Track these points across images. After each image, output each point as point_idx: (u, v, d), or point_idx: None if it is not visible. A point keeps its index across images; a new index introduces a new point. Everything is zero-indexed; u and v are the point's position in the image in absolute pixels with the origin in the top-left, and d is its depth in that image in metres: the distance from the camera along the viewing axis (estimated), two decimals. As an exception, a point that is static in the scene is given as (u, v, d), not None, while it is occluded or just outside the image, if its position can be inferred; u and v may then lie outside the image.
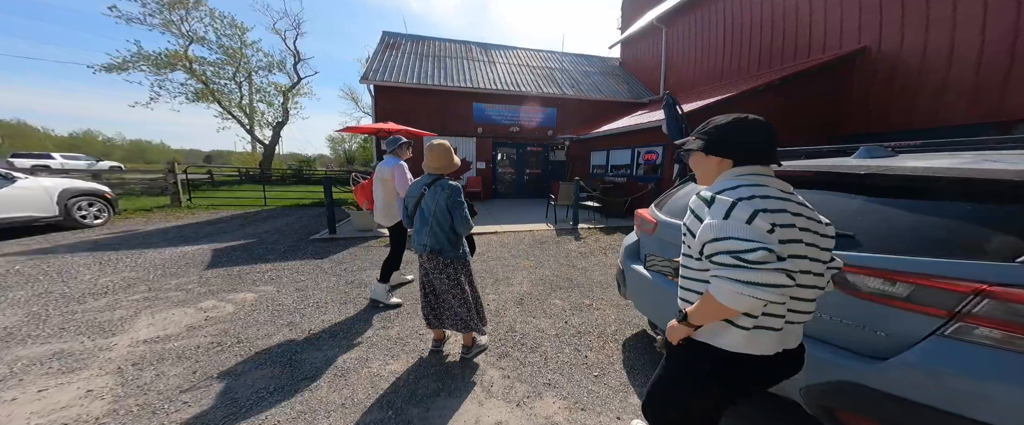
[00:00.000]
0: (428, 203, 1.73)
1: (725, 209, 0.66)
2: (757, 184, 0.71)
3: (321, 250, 4.28)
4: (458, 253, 1.76)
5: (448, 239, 1.71)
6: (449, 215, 1.70)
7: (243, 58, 16.71)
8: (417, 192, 1.78)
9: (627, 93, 10.45)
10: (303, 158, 23.07)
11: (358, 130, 6.23)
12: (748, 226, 0.63)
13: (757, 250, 0.59)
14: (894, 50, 4.86)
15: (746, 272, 0.60)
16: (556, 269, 3.77)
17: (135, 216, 6.26)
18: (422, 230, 1.74)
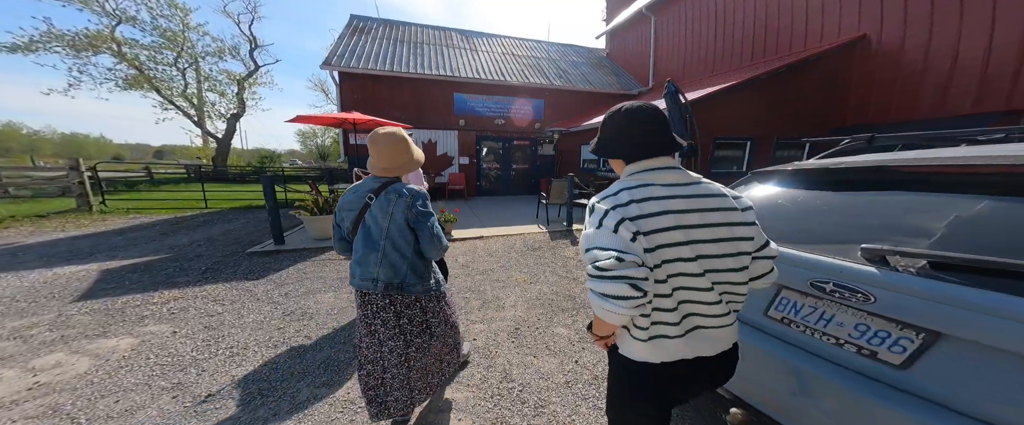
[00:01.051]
0: (375, 219, 1.19)
1: (599, 217, 0.66)
2: (641, 184, 0.68)
3: (258, 268, 3.37)
4: (428, 285, 1.25)
5: (411, 267, 1.20)
6: (410, 233, 1.20)
7: (186, 42, 14.68)
8: (356, 203, 1.22)
9: (616, 84, 10.02)
10: (266, 153, 21.00)
11: (313, 120, 5.27)
12: (613, 236, 0.62)
13: (609, 259, 0.59)
14: (896, 38, 4.66)
15: (598, 282, 0.59)
16: (555, 284, 3.13)
17: (20, 224, 4.94)
18: (368, 258, 1.19)
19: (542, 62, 10.44)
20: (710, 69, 7.60)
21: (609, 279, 0.58)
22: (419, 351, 1.26)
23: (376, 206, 1.18)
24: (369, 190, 1.20)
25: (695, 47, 8.11)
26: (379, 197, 1.18)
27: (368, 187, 1.21)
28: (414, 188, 1.22)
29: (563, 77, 9.70)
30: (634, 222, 0.63)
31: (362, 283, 1.18)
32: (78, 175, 5.80)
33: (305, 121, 5.23)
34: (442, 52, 9.45)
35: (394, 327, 1.21)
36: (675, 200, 0.66)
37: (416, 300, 1.24)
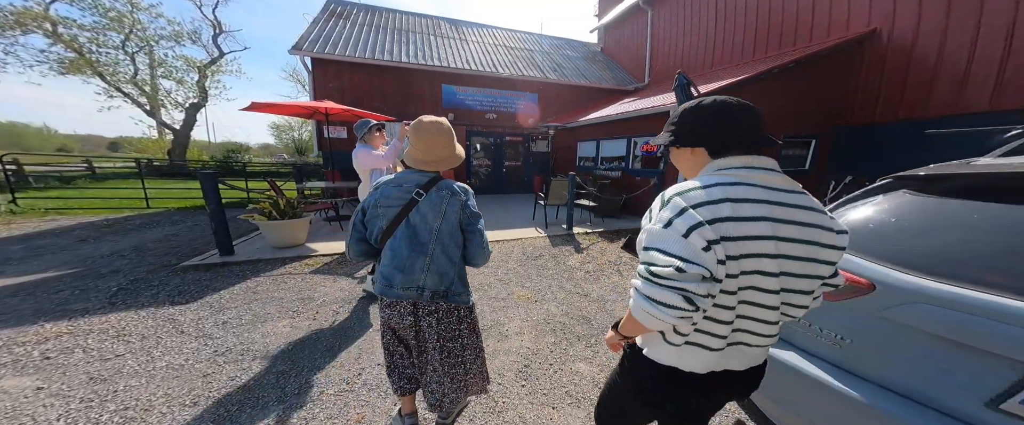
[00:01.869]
0: (425, 218, 1.03)
1: (671, 216, 0.55)
2: (739, 182, 0.57)
3: (192, 287, 2.69)
4: (469, 295, 1.13)
5: (459, 276, 1.09)
6: (462, 236, 1.07)
7: (136, 24, 13.12)
8: (400, 197, 1.04)
9: (612, 79, 9.70)
10: (233, 146, 19.37)
11: (274, 109, 4.53)
12: (682, 240, 0.53)
13: (666, 267, 0.52)
14: (908, 31, 4.47)
15: (649, 287, 0.53)
16: (564, 302, 2.65)
17: None
18: (414, 263, 1.02)
19: (536, 55, 9.96)
20: (710, 64, 7.36)
21: (662, 287, 0.52)
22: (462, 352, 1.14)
23: (426, 203, 1.03)
24: (417, 184, 1.04)
25: (694, 41, 7.86)
26: (429, 193, 1.04)
27: (415, 180, 1.05)
28: (464, 186, 1.09)
29: (558, 71, 9.27)
30: (720, 225, 0.53)
31: (404, 293, 1.03)
32: (-24, 168, 4.75)
33: (264, 109, 4.48)
34: (429, 41, 8.78)
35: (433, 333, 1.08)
36: (778, 207, 0.56)
37: (456, 309, 1.11)
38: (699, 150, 0.65)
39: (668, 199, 0.58)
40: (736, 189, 0.56)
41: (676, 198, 0.57)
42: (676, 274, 0.50)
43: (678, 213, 0.55)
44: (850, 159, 5.29)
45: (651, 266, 0.54)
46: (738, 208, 0.54)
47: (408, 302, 1.05)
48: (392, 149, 2.39)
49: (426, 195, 1.03)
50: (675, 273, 0.51)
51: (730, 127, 0.62)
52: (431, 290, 1.03)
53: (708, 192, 0.56)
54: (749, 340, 0.62)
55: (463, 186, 1.09)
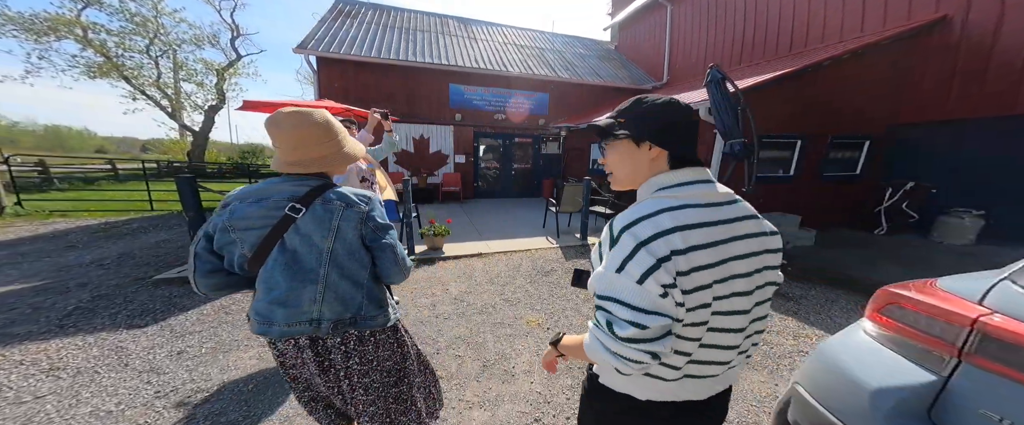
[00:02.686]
0: (308, 240, 0.79)
1: (621, 258, 0.49)
2: (685, 204, 0.53)
3: (157, 304, 2.36)
4: (388, 314, 0.90)
5: (370, 297, 0.87)
6: (367, 254, 0.86)
7: (159, 28, 13.46)
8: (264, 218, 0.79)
9: (627, 78, 9.12)
10: (250, 147, 19.74)
11: (267, 107, 4.24)
12: (637, 288, 0.48)
13: (629, 325, 0.47)
14: (989, 19, 3.77)
15: (613, 343, 0.49)
16: (581, 329, 2.14)
17: None
18: (300, 295, 0.80)
19: (547, 53, 9.50)
20: (737, 61, 6.69)
21: (631, 344, 0.47)
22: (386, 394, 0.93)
23: (309, 220, 0.79)
24: (289, 197, 0.79)
25: (720, 37, 7.18)
26: (313, 207, 0.79)
27: (288, 192, 0.80)
28: (363, 193, 0.86)
29: (570, 69, 8.78)
30: (669, 266, 0.48)
31: (290, 330, 0.80)
32: (-18, 169, 4.68)
33: (259, 109, 4.21)
34: (437, 40, 8.46)
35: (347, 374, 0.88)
36: (718, 227, 0.53)
37: (371, 335, 0.89)
38: (661, 153, 0.57)
39: (617, 236, 0.52)
40: (685, 213, 0.52)
41: (625, 236, 0.51)
42: (639, 334, 0.47)
43: (630, 255, 0.49)
44: (910, 163, 4.58)
45: (611, 324, 0.49)
46: (688, 237, 0.50)
47: (295, 342, 0.84)
48: None
49: (308, 210, 0.79)
50: (638, 333, 0.47)
51: (692, 135, 0.58)
52: (331, 320, 0.82)
53: (655, 222, 0.50)
54: (706, 371, 0.56)
55: (364, 193, 0.86)
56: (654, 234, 0.49)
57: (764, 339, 2.14)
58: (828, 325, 2.36)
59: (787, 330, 2.31)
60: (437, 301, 2.57)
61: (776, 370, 1.88)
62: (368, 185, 2.15)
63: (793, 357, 1.99)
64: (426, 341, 2.02)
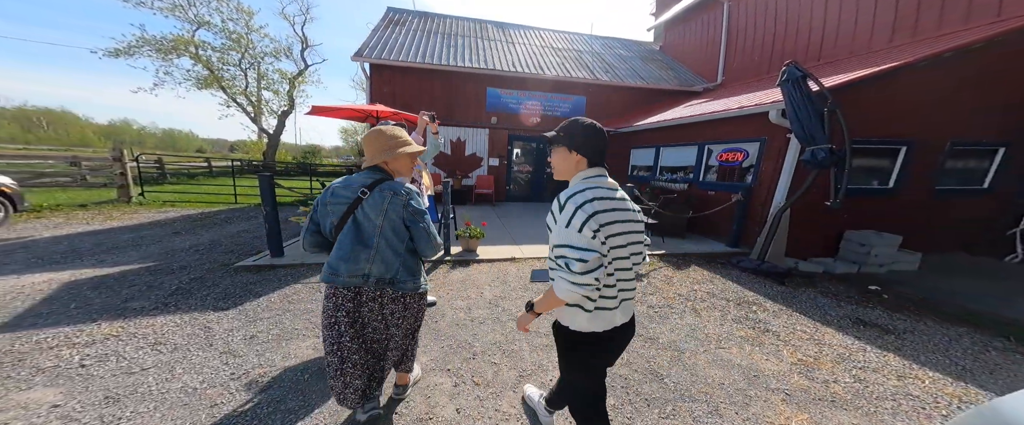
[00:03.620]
0: (367, 216, 1.15)
1: (568, 217, 0.83)
2: (597, 187, 0.88)
3: (237, 290, 2.63)
4: (419, 283, 1.23)
5: (404, 264, 1.19)
6: (406, 231, 1.19)
7: (249, 44, 15.51)
8: (347, 198, 1.15)
9: (674, 80, 8.41)
10: (310, 148, 21.95)
11: (331, 112, 4.59)
12: (578, 235, 0.81)
13: (577, 261, 0.79)
14: None
15: (570, 275, 0.79)
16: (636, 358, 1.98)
17: (52, 215, 4.85)
18: (358, 255, 1.14)
19: (585, 56, 9.13)
20: (814, 58, 5.73)
21: (582, 274, 0.78)
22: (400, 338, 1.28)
23: (369, 203, 1.14)
24: (362, 184, 1.16)
25: (791, 32, 6.18)
26: (372, 193, 1.15)
27: (361, 181, 1.17)
28: (408, 186, 1.20)
29: (610, 72, 8.33)
30: (595, 219, 0.82)
31: (349, 280, 1.14)
32: (120, 166, 5.73)
33: (323, 113, 4.58)
34: (476, 44, 8.57)
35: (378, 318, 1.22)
36: (615, 202, 0.88)
37: (401, 297, 1.22)
38: (582, 159, 0.91)
39: (563, 203, 0.85)
40: (597, 191, 0.86)
41: (569, 204, 0.84)
42: (585, 266, 0.78)
43: (573, 214, 0.82)
44: None
45: (568, 264, 0.80)
46: (601, 204, 0.84)
47: (351, 290, 1.15)
48: None
49: (370, 194, 1.14)
50: (584, 265, 0.78)
51: (603, 148, 0.92)
52: (376, 277, 1.15)
53: (584, 195, 0.85)
54: (625, 296, 0.93)
55: (408, 187, 1.18)
56: (585, 201, 0.82)
57: (856, 375, 1.88)
58: (951, 369, 1.93)
59: (887, 367, 1.93)
60: (472, 304, 2.53)
61: (873, 412, 1.60)
62: (416, 185, 2.18)
63: (897, 399, 1.69)
64: (462, 345, 1.99)
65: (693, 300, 2.71)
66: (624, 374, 1.77)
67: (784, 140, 3.46)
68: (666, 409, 1.52)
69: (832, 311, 2.65)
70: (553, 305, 0.88)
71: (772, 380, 1.78)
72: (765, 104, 3.52)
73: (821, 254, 3.74)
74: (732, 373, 1.82)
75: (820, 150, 2.76)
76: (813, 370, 1.89)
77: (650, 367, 1.83)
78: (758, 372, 1.85)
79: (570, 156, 0.91)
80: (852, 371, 1.89)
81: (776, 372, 1.85)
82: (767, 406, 1.60)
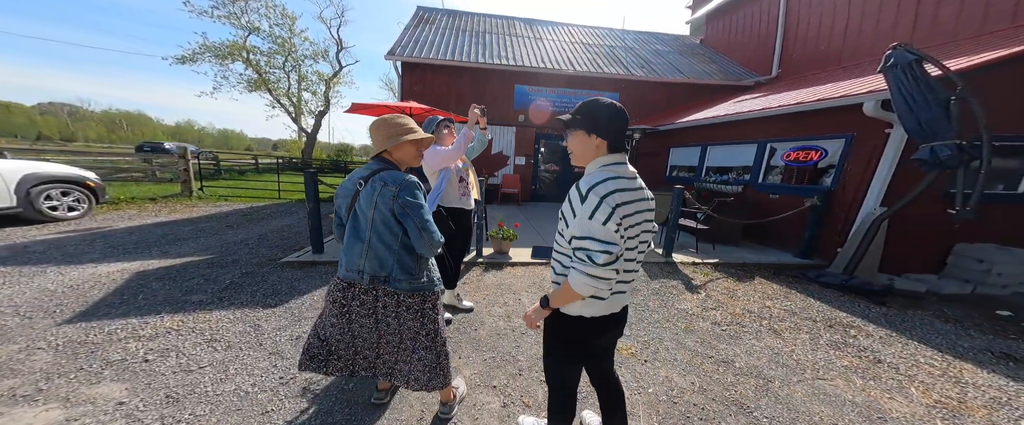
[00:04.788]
0: (362, 208, 1.08)
1: (592, 209, 0.76)
2: (619, 176, 0.82)
3: (283, 287, 2.64)
4: (417, 283, 1.11)
5: (398, 262, 1.08)
6: (398, 225, 1.07)
7: (292, 47, 16.40)
8: (349, 190, 1.13)
9: (718, 73, 7.68)
10: (343, 146, 22.99)
11: (369, 110, 4.60)
12: (603, 228, 0.75)
13: (602, 254, 0.74)
14: None
15: (592, 268, 0.75)
16: (690, 367, 1.76)
17: (127, 207, 5.31)
18: (353, 247, 1.10)
19: (618, 51, 8.61)
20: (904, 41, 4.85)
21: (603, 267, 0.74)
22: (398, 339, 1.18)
23: (363, 194, 1.08)
24: (360, 176, 1.10)
25: (870, 16, 5.23)
26: (367, 185, 1.08)
27: (360, 173, 1.12)
28: (407, 177, 1.08)
29: (646, 67, 7.77)
30: (619, 211, 0.77)
31: (347, 274, 1.11)
32: (184, 163, 6.19)
33: (362, 111, 4.60)
34: (504, 41, 8.35)
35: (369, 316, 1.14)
36: (635, 192, 0.83)
37: (395, 294, 1.11)
38: (602, 142, 0.83)
39: (585, 193, 0.79)
40: (619, 182, 0.81)
41: (591, 194, 0.77)
42: (609, 258, 0.74)
43: (597, 206, 0.76)
44: None
45: (590, 254, 0.75)
46: (623, 196, 0.80)
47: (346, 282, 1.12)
48: (458, 140, 1.88)
49: (365, 186, 1.07)
50: (608, 258, 0.74)
51: (624, 130, 0.85)
52: (370, 274, 1.08)
53: (606, 186, 0.79)
54: (627, 288, 0.91)
55: (408, 178, 1.07)
56: (608, 192, 0.78)
57: None
58: None
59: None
60: (511, 311, 2.35)
61: None
62: (465, 186, 2.01)
63: None
64: (506, 358, 1.82)
65: (768, 318, 2.33)
66: (699, 402, 1.50)
67: (881, 136, 2.91)
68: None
69: (962, 342, 2.17)
70: (570, 299, 0.83)
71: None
72: (858, 94, 2.96)
73: (920, 270, 3.15)
74: (845, 412, 1.48)
75: (944, 147, 2.22)
76: (961, 416, 1.49)
77: (730, 396, 1.55)
78: (883, 414, 1.49)
79: (589, 140, 0.85)
80: (1021, 422, 1.47)
81: (909, 416, 1.48)
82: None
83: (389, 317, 1.14)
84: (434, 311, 1.16)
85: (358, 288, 1.11)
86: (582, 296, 0.79)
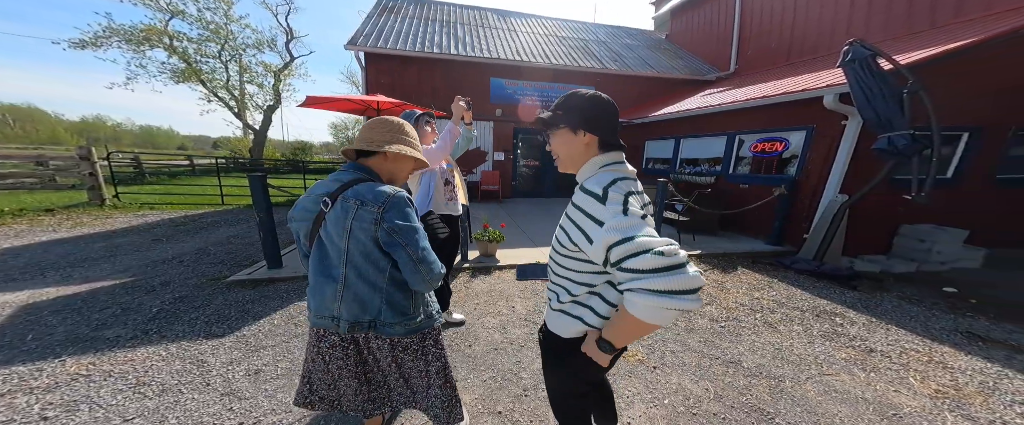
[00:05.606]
0: (330, 237, 0.83)
1: (621, 204, 0.61)
2: (626, 177, 0.69)
3: (232, 310, 2.27)
4: (413, 325, 0.89)
5: (388, 301, 0.84)
6: (385, 257, 0.83)
7: (229, 35, 14.58)
8: (309, 211, 0.86)
9: (684, 69, 8.15)
10: (300, 144, 21.10)
11: (327, 103, 4.18)
12: (643, 222, 0.60)
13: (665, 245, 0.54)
14: None
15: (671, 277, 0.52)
16: (701, 371, 1.77)
17: (14, 222, 4.33)
18: (322, 289, 0.84)
19: (591, 44, 8.79)
20: (843, 38, 5.46)
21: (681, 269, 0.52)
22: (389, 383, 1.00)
23: (331, 217, 0.81)
24: (324, 193, 0.84)
25: (813, 15, 5.86)
26: (335, 204, 0.82)
27: (324, 188, 0.85)
28: (387, 191, 0.81)
29: (618, 61, 8.02)
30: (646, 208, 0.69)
31: (318, 321, 0.87)
32: (88, 164, 5.18)
33: (318, 105, 4.16)
34: (477, 32, 8.13)
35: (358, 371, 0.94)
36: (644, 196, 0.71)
37: (392, 340, 0.89)
38: (592, 139, 0.70)
39: (603, 195, 0.62)
40: (627, 183, 0.67)
41: (611, 192, 0.62)
42: (673, 246, 0.53)
43: (625, 201, 0.61)
44: None
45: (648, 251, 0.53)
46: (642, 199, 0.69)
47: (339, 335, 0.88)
48: (443, 137, 1.66)
49: (332, 206, 0.81)
50: (672, 246, 0.54)
51: (616, 123, 0.71)
52: (349, 321, 0.83)
53: (620, 186, 0.64)
54: None
55: (388, 193, 0.80)
56: (629, 192, 0.65)
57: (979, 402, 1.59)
58: None
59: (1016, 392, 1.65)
60: (506, 321, 2.23)
61: None
62: (451, 189, 1.85)
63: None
64: (507, 377, 1.69)
65: (761, 311, 2.44)
66: (718, 411, 1.46)
67: (838, 127, 3.21)
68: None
69: (935, 323, 2.35)
70: (641, 332, 0.63)
71: (921, 421, 1.46)
72: (817, 88, 3.24)
73: (873, 251, 3.52)
74: (861, 411, 1.50)
75: (900, 137, 2.48)
76: (963, 405, 1.57)
77: (748, 401, 1.52)
78: (896, 410, 1.51)
79: (575, 139, 0.71)
80: (1011, 407, 1.56)
81: (918, 410, 1.52)
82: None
83: (383, 362, 0.94)
84: (437, 346, 0.97)
85: (335, 337, 0.89)
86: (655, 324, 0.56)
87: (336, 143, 28.74)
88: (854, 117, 3.04)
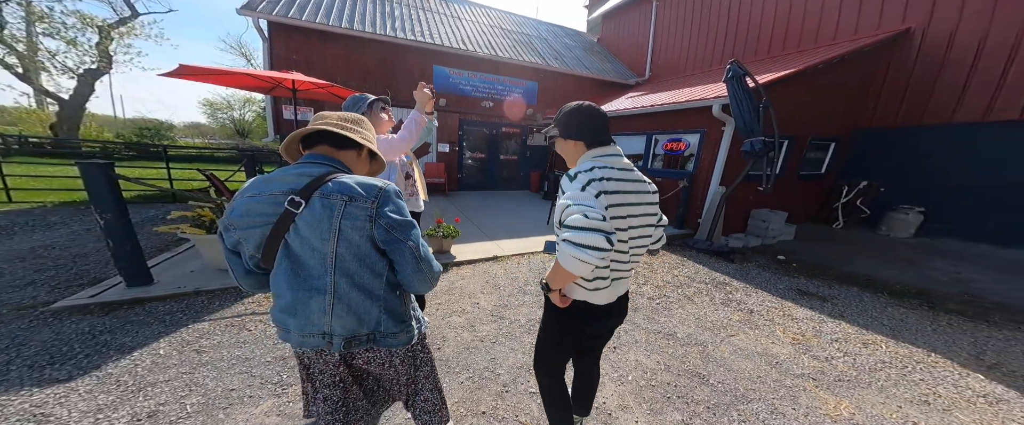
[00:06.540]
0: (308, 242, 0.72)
1: (583, 184, 0.85)
2: (607, 166, 0.89)
3: (76, 346, 1.66)
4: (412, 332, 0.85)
5: (390, 310, 0.79)
6: (382, 259, 0.76)
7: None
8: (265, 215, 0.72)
9: (612, 72, 9.36)
10: (149, 123, 16.01)
11: (210, 76, 3.36)
12: (594, 200, 0.82)
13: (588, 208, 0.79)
14: (944, 32, 4.39)
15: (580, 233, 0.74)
16: (649, 346, 2.09)
17: None
18: (307, 304, 0.73)
19: (534, 40, 9.30)
20: (719, 61, 7.24)
21: (590, 230, 0.74)
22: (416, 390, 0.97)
23: (306, 220, 0.70)
24: (289, 189, 0.72)
25: (704, 36, 7.62)
26: (311, 203, 0.70)
27: (286, 184, 0.72)
28: (372, 183, 0.75)
29: (559, 59, 8.71)
30: (605, 196, 0.84)
31: (304, 341, 0.76)
32: None
33: (197, 76, 3.27)
34: (416, 15, 7.69)
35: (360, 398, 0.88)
36: (625, 183, 0.91)
37: (389, 354, 0.84)
38: (578, 142, 0.94)
39: (574, 176, 0.87)
40: (608, 171, 0.88)
41: (580, 175, 0.87)
42: (599, 223, 0.75)
43: (587, 183, 0.85)
44: (868, 164, 5.34)
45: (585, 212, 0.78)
46: (610, 184, 0.87)
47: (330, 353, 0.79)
48: (408, 126, 1.56)
49: (306, 206, 0.71)
50: (602, 223, 0.75)
51: (597, 126, 0.93)
52: (343, 337, 0.76)
53: (593, 172, 0.87)
54: (620, 275, 0.98)
55: (372, 183, 0.75)
56: (596, 177, 0.85)
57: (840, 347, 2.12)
58: (885, 329, 2.36)
59: (850, 337, 2.23)
60: (473, 319, 2.21)
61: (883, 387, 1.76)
62: (412, 183, 1.75)
63: (887, 370, 1.89)
64: (485, 375, 1.69)
65: (681, 286, 2.99)
66: (669, 380, 1.72)
67: (719, 132, 4.26)
68: (733, 415, 1.50)
69: (779, 284, 3.08)
70: (564, 278, 0.85)
71: (791, 365, 1.88)
72: (709, 98, 4.24)
73: (736, 231, 4.76)
74: (758, 363, 1.89)
75: (758, 141, 3.49)
76: (810, 347, 2.08)
77: (688, 368, 1.82)
78: (776, 359, 1.94)
79: (567, 144, 0.95)
80: (833, 344, 2.11)
81: (788, 356, 1.97)
82: (811, 397, 1.65)
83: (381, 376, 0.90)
84: (425, 351, 0.95)
85: (326, 359, 0.79)
86: (572, 274, 0.77)
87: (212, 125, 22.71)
88: (730, 124, 4.11)
